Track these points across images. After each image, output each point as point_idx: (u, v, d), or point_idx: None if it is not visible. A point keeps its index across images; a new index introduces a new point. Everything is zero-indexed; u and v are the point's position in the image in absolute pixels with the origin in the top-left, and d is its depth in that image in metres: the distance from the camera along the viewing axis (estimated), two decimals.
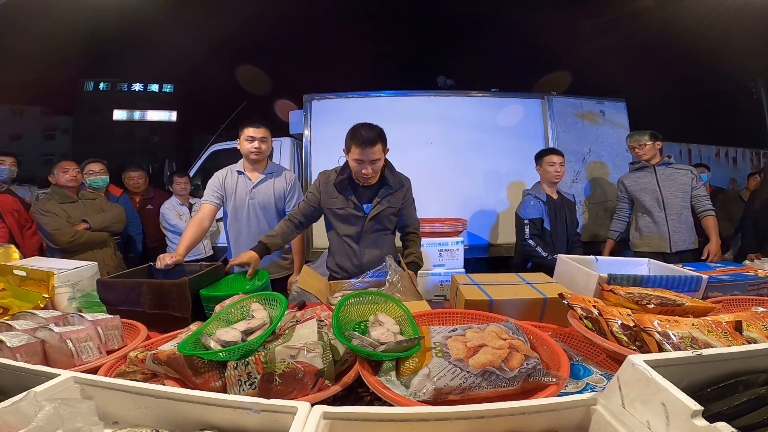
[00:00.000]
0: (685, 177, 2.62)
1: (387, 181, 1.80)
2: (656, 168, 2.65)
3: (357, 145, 1.64)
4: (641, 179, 2.69)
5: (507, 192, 3.87)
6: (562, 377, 0.73)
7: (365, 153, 1.64)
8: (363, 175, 1.69)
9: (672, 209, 2.60)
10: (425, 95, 3.94)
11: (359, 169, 1.68)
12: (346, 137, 1.73)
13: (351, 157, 1.69)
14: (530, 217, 2.43)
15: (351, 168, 1.74)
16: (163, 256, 1.64)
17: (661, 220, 2.62)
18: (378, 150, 1.67)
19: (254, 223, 2.12)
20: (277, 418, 0.58)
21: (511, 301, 1.24)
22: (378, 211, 1.79)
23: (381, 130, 1.71)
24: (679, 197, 2.60)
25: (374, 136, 1.65)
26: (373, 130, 1.68)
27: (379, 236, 1.85)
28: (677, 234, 2.59)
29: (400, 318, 0.99)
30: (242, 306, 1.00)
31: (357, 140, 1.64)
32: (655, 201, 2.63)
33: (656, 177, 2.64)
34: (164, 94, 30.56)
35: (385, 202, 1.80)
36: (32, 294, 1.39)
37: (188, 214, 3.50)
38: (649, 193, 2.64)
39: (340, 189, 1.78)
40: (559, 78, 9.57)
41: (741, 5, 4.79)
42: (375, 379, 0.77)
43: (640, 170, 2.71)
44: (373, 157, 1.66)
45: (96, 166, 2.99)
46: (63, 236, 2.45)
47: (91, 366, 0.91)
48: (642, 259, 1.64)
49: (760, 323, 0.93)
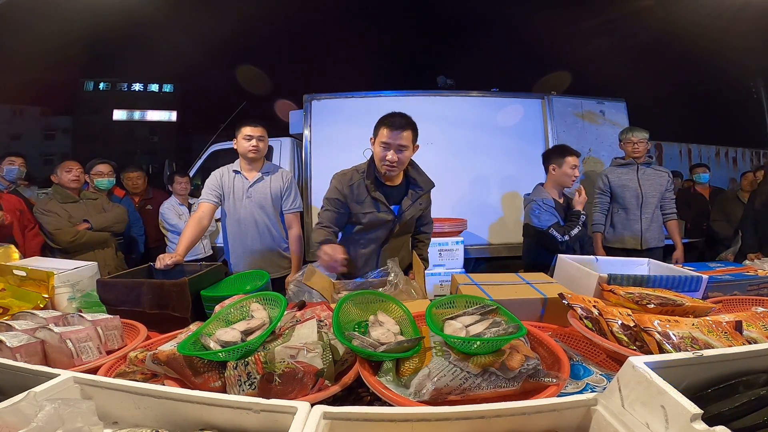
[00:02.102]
0: (662, 179, 2.68)
1: (416, 181, 1.72)
2: (639, 167, 2.68)
3: (387, 126, 1.56)
4: (624, 176, 2.71)
5: (507, 192, 3.87)
6: (562, 377, 0.73)
7: (394, 136, 1.55)
8: (387, 161, 1.57)
9: (647, 208, 2.65)
10: (425, 95, 3.95)
11: (383, 154, 1.56)
12: (376, 124, 1.63)
13: (378, 140, 1.58)
14: (549, 223, 2.20)
15: (375, 157, 1.62)
16: (163, 256, 1.64)
17: (635, 218, 2.66)
18: (407, 137, 1.57)
19: (252, 222, 2.12)
20: (276, 418, 0.58)
21: (511, 301, 1.23)
22: (411, 215, 1.70)
23: (413, 120, 1.62)
24: (656, 197, 2.66)
25: (406, 122, 1.58)
26: (405, 117, 1.60)
27: (401, 240, 1.77)
28: (649, 232, 2.65)
29: (400, 318, 0.99)
30: (242, 306, 1.00)
31: (388, 123, 1.56)
32: (634, 198, 2.66)
33: (638, 175, 2.67)
34: (164, 94, 30.55)
35: (417, 204, 1.71)
36: (32, 294, 1.38)
37: (188, 214, 3.50)
38: (630, 190, 2.67)
39: (370, 190, 1.63)
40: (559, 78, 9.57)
41: (741, 5, 4.79)
42: (375, 379, 0.76)
43: (624, 167, 2.73)
44: (401, 142, 1.56)
45: (105, 167, 3.00)
46: (64, 236, 2.45)
47: (91, 366, 0.91)
48: (642, 259, 1.64)
49: (760, 323, 0.92)
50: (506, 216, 3.84)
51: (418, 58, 22.91)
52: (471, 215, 3.72)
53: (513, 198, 3.84)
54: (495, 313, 0.93)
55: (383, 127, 1.58)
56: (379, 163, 1.62)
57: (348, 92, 3.87)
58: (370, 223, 1.67)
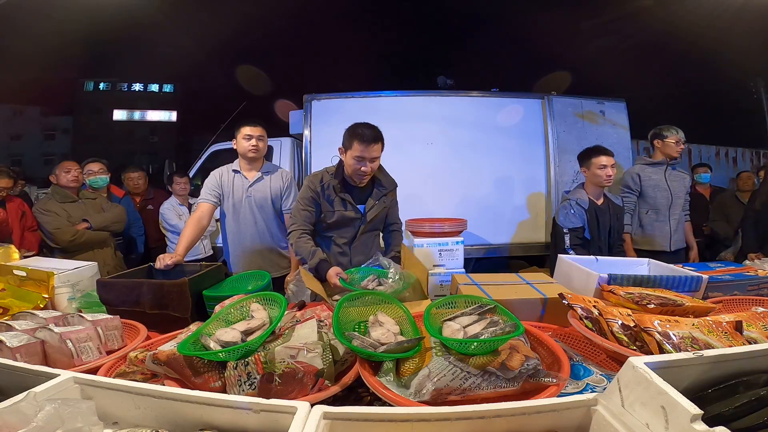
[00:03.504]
0: (685, 180, 2.69)
1: (380, 181, 1.81)
2: (667, 167, 2.66)
3: (360, 141, 1.65)
4: (653, 175, 2.67)
5: (507, 192, 3.86)
6: (562, 377, 0.73)
7: (367, 150, 1.65)
8: (361, 173, 1.69)
9: (675, 210, 2.64)
10: (425, 95, 3.94)
11: (358, 166, 1.68)
12: (344, 135, 1.74)
13: (351, 155, 1.69)
14: (570, 226, 2.21)
15: (347, 167, 1.73)
16: (163, 256, 1.64)
17: (665, 219, 2.63)
18: (378, 148, 1.69)
19: (251, 221, 2.12)
20: (276, 418, 0.58)
21: (511, 301, 1.23)
22: (376, 213, 1.79)
23: (380, 130, 1.72)
24: (682, 199, 2.66)
25: (376, 135, 1.68)
26: (373, 128, 1.70)
27: (369, 237, 1.86)
28: (677, 234, 2.65)
29: (400, 318, 0.99)
30: (242, 306, 1.00)
31: (360, 137, 1.65)
32: (665, 200, 2.63)
33: (665, 176, 2.65)
34: (164, 94, 30.57)
35: (381, 202, 1.81)
36: (32, 294, 1.38)
37: (188, 214, 3.49)
38: (661, 191, 2.64)
39: (338, 191, 1.75)
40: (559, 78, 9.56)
41: (741, 5, 4.79)
42: (375, 379, 0.76)
43: (653, 166, 2.69)
44: (374, 155, 1.68)
45: (95, 165, 2.99)
46: (64, 235, 2.45)
47: (91, 366, 0.91)
48: (642, 260, 1.63)
49: (760, 323, 0.92)
50: (506, 216, 3.84)
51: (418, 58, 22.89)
52: (471, 215, 3.70)
53: (513, 198, 3.83)
54: (493, 312, 0.93)
55: (356, 140, 1.66)
56: (352, 173, 1.72)
57: (348, 92, 3.87)
58: (338, 221, 1.78)
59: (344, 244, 1.82)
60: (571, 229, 2.21)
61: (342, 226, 1.80)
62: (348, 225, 1.80)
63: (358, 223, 1.80)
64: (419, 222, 2.92)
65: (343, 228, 1.80)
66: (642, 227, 2.71)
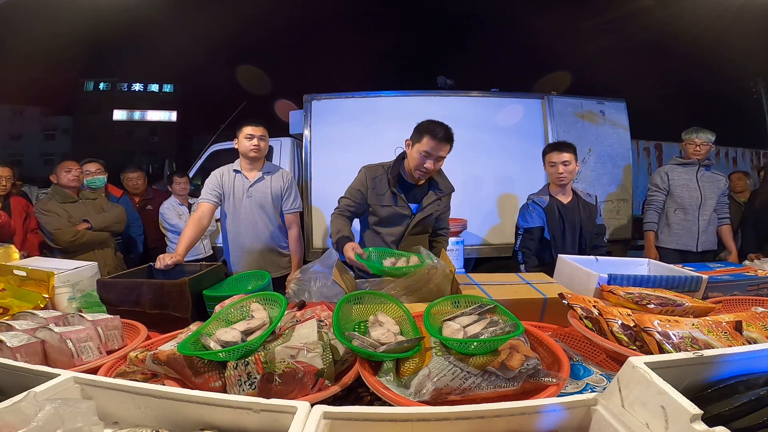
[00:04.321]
0: (719, 182, 2.68)
1: (438, 184, 1.80)
2: (699, 168, 2.67)
3: (432, 137, 1.63)
4: (684, 175, 2.68)
5: (507, 192, 3.87)
6: (562, 377, 0.73)
7: (437, 148, 1.64)
8: (424, 169, 1.67)
9: (705, 210, 2.64)
10: (425, 95, 3.94)
11: (422, 162, 1.65)
12: (415, 129, 1.71)
13: (419, 148, 1.66)
14: (525, 225, 2.14)
15: (411, 160, 1.71)
16: (163, 256, 1.64)
17: (694, 219, 2.64)
18: (447, 149, 1.68)
19: (252, 221, 2.12)
20: (276, 418, 0.58)
21: (511, 301, 1.24)
22: (427, 213, 1.77)
23: (452, 132, 1.70)
24: (714, 200, 2.64)
25: (449, 135, 1.67)
26: (448, 129, 1.69)
27: (417, 239, 1.81)
28: (705, 235, 2.64)
29: (400, 318, 0.99)
30: (242, 306, 1.00)
31: (433, 133, 1.63)
32: (693, 200, 2.64)
33: (697, 177, 2.66)
34: (164, 94, 30.56)
35: (435, 204, 1.79)
36: (32, 294, 1.38)
37: (188, 214, 3.50)
38: (690, 190, 2.65)
39: (392, 184, 1.73)
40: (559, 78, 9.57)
41: (741, 5, 4.79)
42: (375, 379, 0.76)
43: (683, 166, 2.70)
44: (442, 154, 1.66)
45: (92, 166, 2.98)
46: (65, 236, 2.46)
47: (91, 366, 0.91)
48: (642, 260, 1.64)
49: (760, 323, 0.93)
50: (506, 216, 3.84)
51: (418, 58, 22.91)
52: (471, 215, 3.72)
53: (513, 198, 3.83)
54: (493, 312, 0.93)
55: (427, 135, 1.64)
56: (414, 167, 1.70)
57: (348, 92, 3.87)
58: (388, 217, 1.75)
59: (392, 242, 1.79)
60: (526, 229, 2.12)
61: (391, 223, 1.78)
62: (397, 222, 1.77)
63: (407, 221, 1.77)
64: None
65: (392, 225, 1.78)
66: (669, 225, 2.73)
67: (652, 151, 5.32)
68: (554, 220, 2.09)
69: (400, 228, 1.78)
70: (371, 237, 1.83)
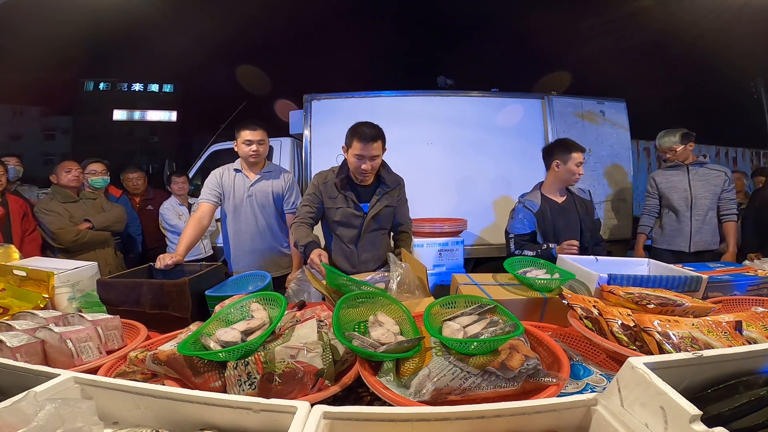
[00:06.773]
0: (717, 179, 2.62)
1: (384, 179, 1.84)
2: (689, 168, 2.65)
3: (359, 140, 1.68)
4: (672, 177, 2.69)
5: (507, 192, 3.86)
6: (562, 377, 0.73)
7: (366, 148, 1.68)
8: (362, 171, 1.72)
9: (698, 210, 2.61)
10: (425, 95, 3.94)
11: (359, 164, 1.71)
12: (346, 134, 1.76)
13: (351, 153, 1.72)
14: (516, 232, 2.06)
15: (350, 165, 1.76)
16: (163, 256, 1.64)
17: (685, 219, 2.63)
18: (378, 147, 1.71)
19: (252, 221, 2.12)
20: (276, 418, 0.58)
21: (511, 301, 1.24)
22: (378, 210, 1.81)
23: (381, 129, 1.75)
24: (709, 198, 2.61)
25: (376, 133, 1.70)
26: (374, 127, 1.73)
27: (376, 236, 1.87)
28: (699, 234, 2.62)
29: (400, 318, 0.99)
30: (242, 306, 1.00)
31: (359, 136, 1.68)
32: (683, 200, 2.63)
33: (688, 177, 2.64)
34: (164, 94, 30.56)
35: (384, 200, 1.83)
36: (32, 294, 1.38)
37: (187, 214, 3.49)
38: (678, 192, 2.65)
39: (340, 188, 1.79)
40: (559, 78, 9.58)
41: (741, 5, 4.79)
42: (375, 379, 0.76)
43: (673, 168, 2.71)
44: (373, 153, 1.70)
45: (98, 166, 2.99)
46: (66, 235, 2.46)
47: (91, 366, 0.91)
48: (642, 260, 1.63)
49: (760, 323, 0.92)
50: (506, 216, 3.82)
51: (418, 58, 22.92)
52: (471, 215, 3.71)
53: (513, 198, 3.83)
54: (493, 312, 0.93)
55: (355, 139, 1.69)
56: (354, 171, 1.76)
57: (348, 92, 3.87)
58: (342, 219, 1.81)
59: (350, 242, 1.85)
60: (516, 235, 2.05)
61: (346, 224, 1.83)
62: (352, 223, 1.82)
63: (361, 221, 1.82)
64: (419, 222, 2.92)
65: (348, 226, 1.83)
66: (662, 227, 2.75)
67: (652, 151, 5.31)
68: (547, 222, 2.02)
69: (356, 229, 1.83)
70: (331, 240, 1.89)
